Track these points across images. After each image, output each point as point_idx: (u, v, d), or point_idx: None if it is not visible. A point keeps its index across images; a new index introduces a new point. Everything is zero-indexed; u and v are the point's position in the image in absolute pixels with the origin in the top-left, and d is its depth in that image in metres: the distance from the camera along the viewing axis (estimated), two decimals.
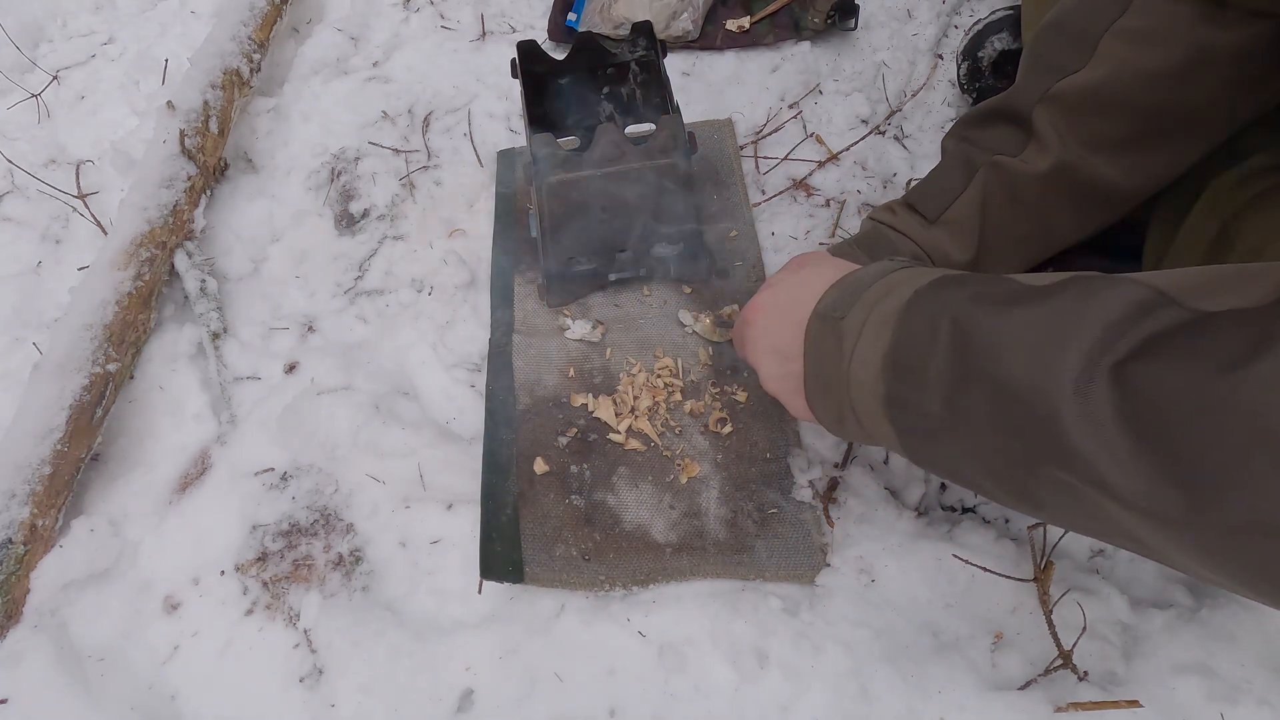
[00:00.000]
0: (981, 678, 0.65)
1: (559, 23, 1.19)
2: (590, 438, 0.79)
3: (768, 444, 0.78)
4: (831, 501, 0.75)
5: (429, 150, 1.07)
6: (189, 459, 0.84)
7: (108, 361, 0.82)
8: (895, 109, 1.05)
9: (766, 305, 0.60)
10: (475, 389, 0.85)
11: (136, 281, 0.88)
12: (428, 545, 0.76)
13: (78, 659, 0.72)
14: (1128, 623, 0.67)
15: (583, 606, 0.71)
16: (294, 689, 0.70)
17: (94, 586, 0.76)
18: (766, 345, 0.59)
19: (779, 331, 0.58)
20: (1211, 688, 0.62)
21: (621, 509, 0.75)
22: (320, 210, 1.04)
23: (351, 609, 0.73)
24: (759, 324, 0.60)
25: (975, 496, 0.76)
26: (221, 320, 0.91)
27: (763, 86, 1.09)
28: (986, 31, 0.97)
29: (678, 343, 0.85)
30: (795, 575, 0.71)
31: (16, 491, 0.75)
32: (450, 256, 0.95)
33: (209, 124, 1.01)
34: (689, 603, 0.70)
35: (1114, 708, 0.61)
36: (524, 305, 0.89)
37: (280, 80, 1.18)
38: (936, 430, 0.45)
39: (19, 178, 1.09)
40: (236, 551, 0.77)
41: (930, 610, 0.69)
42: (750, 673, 0.66)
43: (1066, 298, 0.40)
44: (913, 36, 1.13)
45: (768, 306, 0.60)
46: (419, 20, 1.24)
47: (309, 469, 0.81)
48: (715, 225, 0.94)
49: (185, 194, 0.96)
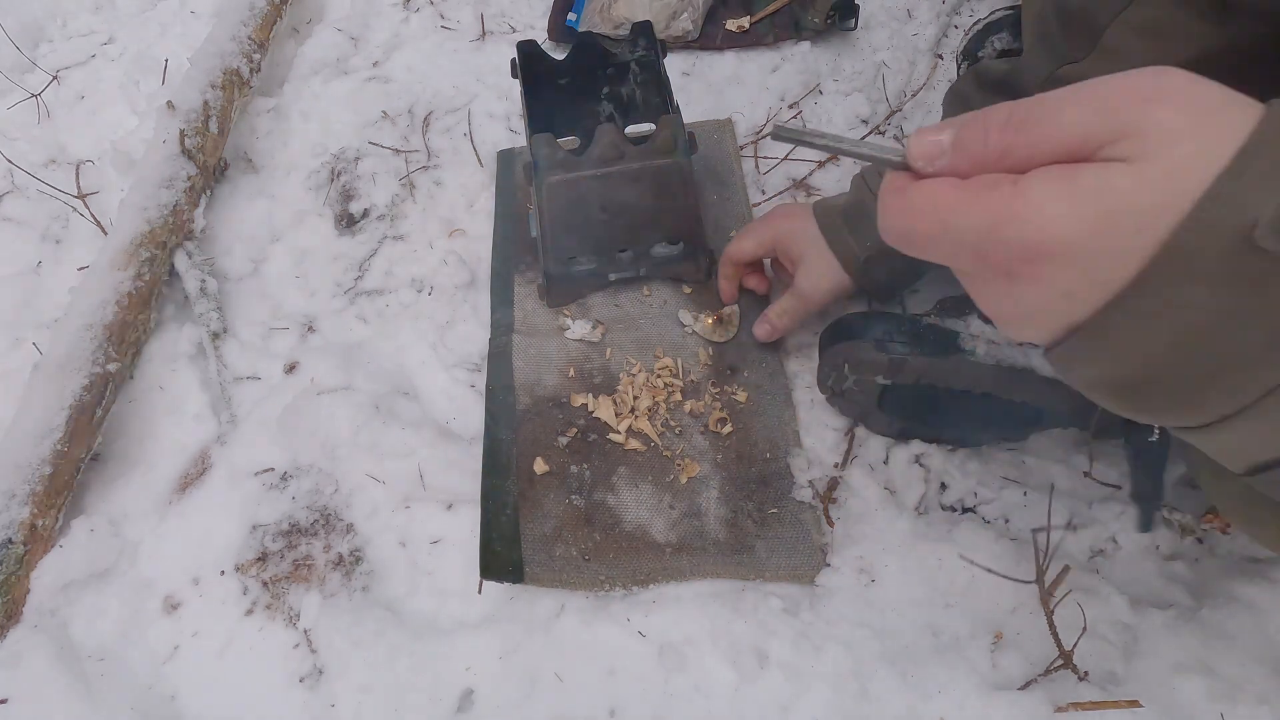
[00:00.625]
0: (981, 678, 0.65)
1: (559, 23, 1.19)
2: (590, 438, 0.79)
3: (768, 444, 0.78)
4: (831, 501, 0.75)
5: (429, 150, 1.07)
6: (189, 459, 0.84)
7: (108, 361, 0.82)
8: (895, 109, 1.05)
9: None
10: (475, 389, 0.85)
11: (136, 281, 0.88)
12: (428, 545, 0.76)
13: (78, 659, 0.72)
14: (1128, 623, 0.66)
15: (583, 606, 0.71)
16: (294, 689, 0.70)
17: (94, 586, 0.76)
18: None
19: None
20: (1211, 687, 0.62)
21: (621, 509, 0.75)
22: (320, 210, 1.04)
23: (351, 609, 0.73)
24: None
25: (975, 496, 0.76)
26: (221, 320, 0.91)
27: (763, 86, 1.09)
28: (986, 31, 0.97)
29: (678, 343, 0.85)
30: (795, 575, 0.71)
31: (16, 491, 0.75)
32: (450, 256, 0.95)
33: (209, 124, 1.01)
34: (689, 603, 0.70)
35: (1114, 708, 0.61)
36: (524, 305, 0.89)
37: (280, 80, 1.18)
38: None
39: (19, 178, 1.09)
40: (236, 551, 0.77)
41: (930, 610, 0.69)
42: (750, 673, 0.66)
43: None
44: (913, 36, 1.13)
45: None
46: (419, 20, 1.24)
47: (309, 469, 0.81)
48: (715, 225, 0.94)
49: (185, 194, 0.96)
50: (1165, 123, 0.26)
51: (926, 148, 0.30)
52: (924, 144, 0.30)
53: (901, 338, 0.70)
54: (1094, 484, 0.75)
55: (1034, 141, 0.28)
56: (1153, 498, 0.69)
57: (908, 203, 0.30)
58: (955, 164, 0.29)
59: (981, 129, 0.29)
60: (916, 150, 0.30)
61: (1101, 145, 0.26)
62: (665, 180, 0.80)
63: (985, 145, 0.29)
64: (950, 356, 0.69)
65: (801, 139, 0.31)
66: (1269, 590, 0.66)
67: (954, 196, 0.29)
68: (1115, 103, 0.26)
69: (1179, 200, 0.25)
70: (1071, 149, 0.27)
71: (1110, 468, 0.76)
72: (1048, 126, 0.27)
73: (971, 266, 0.30)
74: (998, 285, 0.30)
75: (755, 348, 0.84)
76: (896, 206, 0.31)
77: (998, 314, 0.31)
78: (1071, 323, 0.29)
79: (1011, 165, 0.28)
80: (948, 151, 0.30)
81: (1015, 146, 0.28)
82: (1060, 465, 0.76)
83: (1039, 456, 0.77)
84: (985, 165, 0.29)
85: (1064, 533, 0.70)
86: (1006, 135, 0.28)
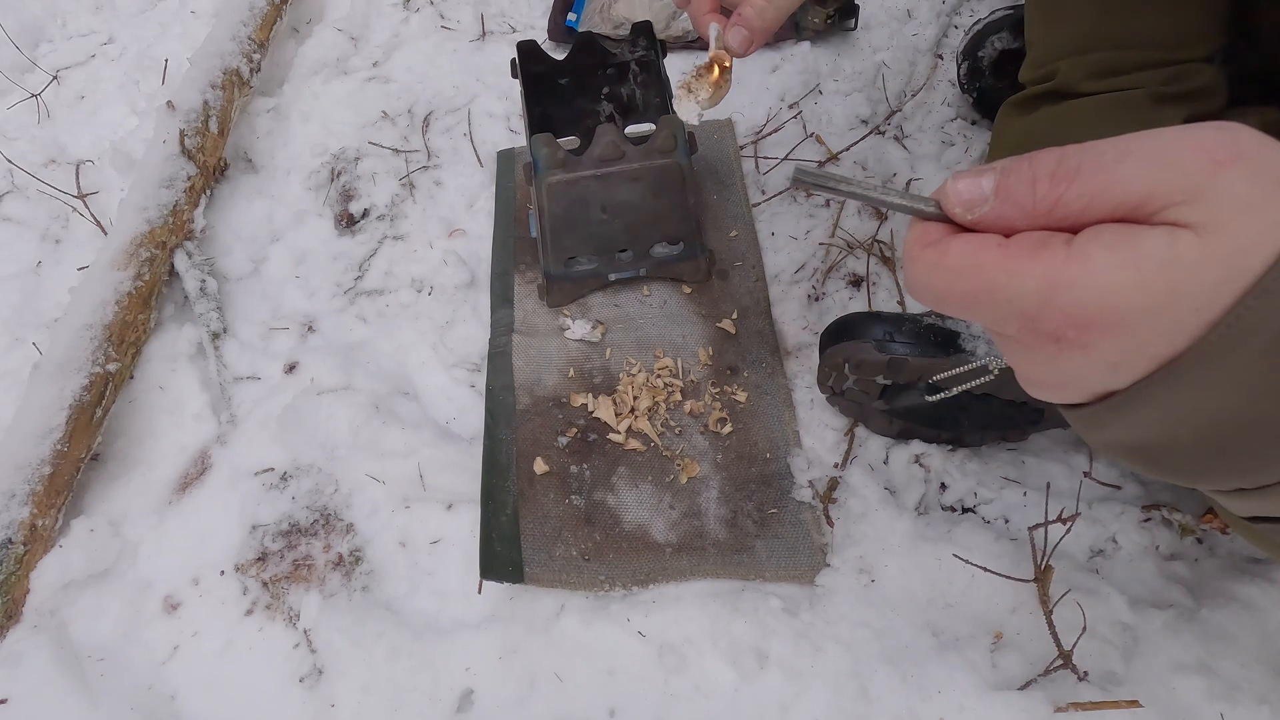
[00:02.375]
0: (981, 678, 0.65)
1: (559, 23, 1.19)
2: (590, 438, 0.79)
3: (768, 444, 0.78)
4: (831, 501, 0.75)
5: (429, 150, 1.07)
6: (189, 459, 0.84)
7: (108, 361, 0.82)
8: (895, 109, 1.05)
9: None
10: (475, 389, 0.85)
11: (136, 281, 0.88)
12: (428, 545, 0.76)
13: (77, 659, 0.72)
14: (1128, 623, 0.66)
15: (583, 606, 0.71)
16: (294, 689, 0.70)
17: (94, 586, 0.76)
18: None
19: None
20: (1211, 687, 0.62)
21: (621, 509, 0.75)
22: (320, 210, 1.04)
23: (351, 609, 0.73)
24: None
25: (975, 496, 0.76)
26: (221, 320, 0.91)
27: (763, 86, 1.09)
28: (986, 31, 0.97)
29: (678, 343, 0.85)
30: (795, 575, 0.71)
31: (16, 491, 0.75)
32: (450, 256, 0.95)
33: (209, 124, 1.01)
34: (689, 603, 0.70)
35: (1114, 708, 0.61)
36: (524, 305, 0.89)
37: (280, 80, 1.18)
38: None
39: (19, 178, 1.09)
40: (236, 551, 0.77)
41: (930, 610, 0.69)
42: (750, 673, 0.66)
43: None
44: (913, 36, 1.13)
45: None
46: (419, 20, 1.24)
47: (309, 469, 0.81)
48: (715, 225, 0.94)
49: (185, 194, 0.96)
50: (1237, 190, 0.24)
51: (967, 193, 0.27)
52: (964, 190, 0.27)
53: (901, 338, 0.70)
54: (1094, 484, 0.75)
55: (1090, 193, 0.25)
56: None
57: (947, 260, 0.27)
58: (999, 212, 0.27)
59: (1030, 176, 0.26)
60: (955, 196, 0.27)
61: (1165, 205, 0.24)
62: (665, 180, 0.80)
63: (1034, 195, 0.26)
64: (950, 356, 0.69)
65: (822, 184, 0.28)
66: (1269, 590, 0.66)
67: (1002, 256, 0.26)
68: (1184, 161, 0.24)
69: (1243, 276, 0.24)
70: (1131, 205, 0.25)
71: (1110, 468, 0.76)
72: (1106, 178, 0.25)
73: (1016, 330, 0.27)
74: (1041, 350, 0.27)
75: (755, 347, 0.84)
76: (931, 263, 0.28)
77: (1031, 377, 0.29)
78: (1106, 390, 0.28)
79: (1061, 219, 0.26)
80: (990, 199, 0.27)
81: (1068, 198, 0.25)
82: (1060, 465, 0.76)
83: (1039, 456, 0.77)
84: (1033, 217, 0.26)
85: (1063, 532, 0.70)
86: (1059, 186, 0.26)
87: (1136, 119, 0.65)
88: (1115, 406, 0.28)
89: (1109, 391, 0.28)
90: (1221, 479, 0.29)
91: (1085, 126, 0.68)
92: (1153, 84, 0.65)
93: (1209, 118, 0.65)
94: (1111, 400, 0.28)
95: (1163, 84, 0.65)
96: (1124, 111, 0.66)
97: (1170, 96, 0.65)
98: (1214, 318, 0.25)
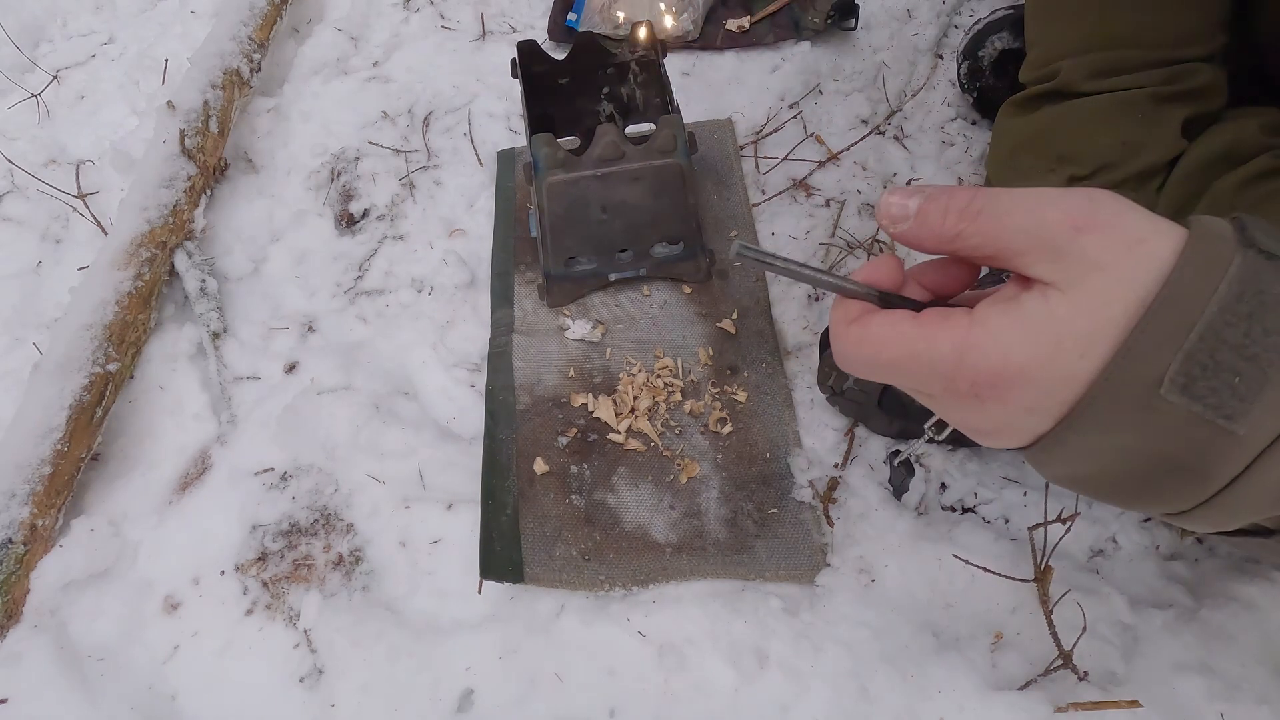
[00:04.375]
0: (981, 678, 0.65)
1: (559, 23, 1.19)
2: (590, 438, 0.79)
3: (768, 444, 0.78)
4: (831, 501, 0.75)
5: (429, 150, 1.07)
6: (189, 459, 0.84)
7: (108, 361, 0.82)
8: (895, 109, 1.05)
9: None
10: (475, 389, 0.85)
11: (136, 281, 0.88)
12: (428, 545, 0.76)
13: (77, 659, 0.72)
14: (1128, 623, 0.67)
15: (583, 606, 0.71)
16: (294, 689, 0.70)
17: (94, 586, 0.76)
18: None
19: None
20: (1211, 687, 0.62)
21: (621, 509, 0.75)
22: (320, 210, 1.04)
23: (351, 609, 0.73)
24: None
25: (975, 496, 0.76)
26: (221, 320, 0.91)
27: (763, 86, 1.09)
28: (987, 31, 0.97)
29: (678, 343, 0.85)
30: (795, 575, 0.71)
31: (16, 491, 0.75)
32: (450, 256, 0.95)
33: (209, 124, 1.01)
34: (689, 603, 0.70)
35: (1114, 708, 0.61)
36: (524, 305, 0.89)
37: (280, 80, 1.18)
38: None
39: (19, 178, 1.09)
40: (236, 551, 0.77)
41: (930, 610, 0.69)
42: (750, 673, 0.66)
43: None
44: (913, 36, 1.13)
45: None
46: (419, 20, 1.24)
47: (309, 469, 0.81)
48: (715, 225, 0.94)
49: (185, 194, 0.96)
50: (1090, 252, 0.27)
51: (895, 209, 0.31)
52: (893, 205, 0.31)
53: None
54: None
55: (983, 234, 0.29)
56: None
57: (869, 332, 0.31)
58: (915, 232, 0.30)
59: (944, 207, 0.30)
60: (885, 209, 0.31)
61: (1036, 261, 0.28)
62: (665, 180, 0.80)
63: (943, 224, 0.30)
64: None
65: (764, 261, 0.31)
66: (1269, 590, 0.66)
67: (918, 325, 0.30)
68: (1052, 224, 0.28)
69: (1111, 327, 0.27)
70: (1011, 253, 0.29)
71: None
72: (995, 226, 0.29)
73: (939, 391, 0.31)
74: (966, 406, 0.31)
75: (755, 347, 0.84)
76: (857, 337, 0.31)
77: (969, 428, 0.33)
78: (1038, 433, 0.31)
79: (960, 249, 0.30)
80: (910, 218, 0.30)
81: (967, 234, 0.29)
82: None
83: None
84: (940, 241, 0.30)
85: (1063, 532, 0.70)
86: (963, 221, 0.29)
87: (1137, 119, 0.65)
88: (1045, 448, 0.31)
89: (1041, 435, 0.31)
90: (1154, 506, 0.32)
91: (1086, 126, 0.68)
92: (1153, 84, 0.65)
93: (1210, 117, 0.66)
94: (1041, 442, 0.31)
95: (1163, 84, 0.65)
96: (1125, 111, 0.66)
97: (1171, 96, 0.65)
98: (1100, 363, 0.28)
